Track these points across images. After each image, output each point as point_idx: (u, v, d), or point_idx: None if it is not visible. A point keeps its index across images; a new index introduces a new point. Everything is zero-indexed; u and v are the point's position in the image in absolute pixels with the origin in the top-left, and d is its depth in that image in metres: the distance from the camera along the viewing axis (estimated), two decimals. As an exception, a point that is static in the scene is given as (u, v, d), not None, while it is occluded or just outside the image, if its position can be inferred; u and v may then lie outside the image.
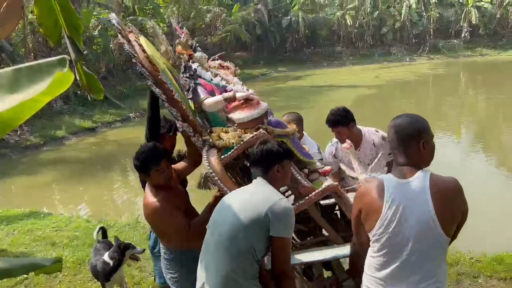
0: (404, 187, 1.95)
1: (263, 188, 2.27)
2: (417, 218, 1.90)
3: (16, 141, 13.85)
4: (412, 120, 2.15)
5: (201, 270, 2.31)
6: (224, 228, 2.21)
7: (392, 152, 2.12)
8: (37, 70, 1.21)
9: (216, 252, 2.22)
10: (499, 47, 36.04)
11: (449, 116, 16.80)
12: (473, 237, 5.62)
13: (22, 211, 7.40)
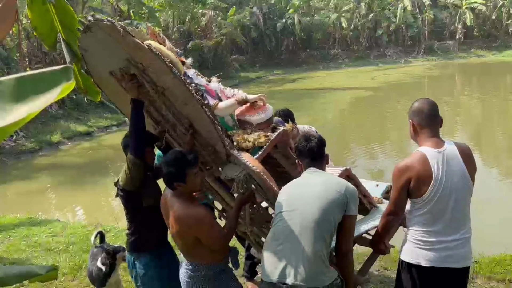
0: (442, 155, 2.52)
1: (327, 175, 2.61)
2: (459, 176, 2.53)
3: (12, 146, 13.78)
4: (432, 102, 2.73)
5: (280, 256, 2.39)
6: (308, 212, 2.39)
7: (419, 128, 2.65)
8: (42, 80, 1.20)
9: (302, 235, 2.37)
10: (493, 48, 36.25)
11: (445, 117, 16.77)
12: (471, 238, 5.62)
13: (18, 217, 7.34)
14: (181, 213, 2.53)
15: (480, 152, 11.43)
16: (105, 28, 2.45)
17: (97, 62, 2.68)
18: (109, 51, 2.55)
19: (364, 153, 11.87)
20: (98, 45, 2.56)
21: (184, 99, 2.62)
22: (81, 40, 2.56)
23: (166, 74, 2.56)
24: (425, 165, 2.48)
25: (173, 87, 2.60)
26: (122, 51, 2.54)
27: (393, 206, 2.59)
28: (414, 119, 2.66)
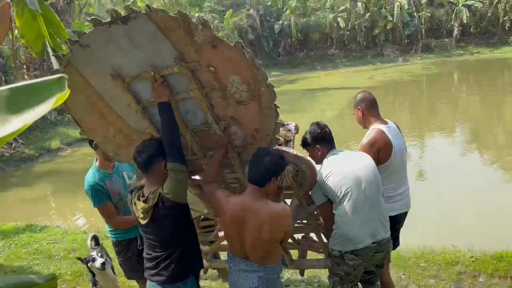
0: (390, 129, 3.39)
1: (348, 152, 3.10)
2: (401, 142, 3.44)
3: (11, 154, 13.77)
4: (370, 93, 3.68)
5: (368, 223, 2.86)
6: (372, 183, 2.89)
7: (367, 112, 3.52)
8: (37, 91, 1.18)
9: (375, 201, 2.89)
10: (490, 45, 36.26)
11: (444, 114, 16.86)
12: (473, 236, 5.61)
13: (18, 225, 7.33)
14: (278, 209, 2.49)
15: (480, 148, 11.42)
16: (164, 19, 2.19)
17: (102, 59, 2.38)
18: (134, 48, 2.33)
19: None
20: (119, 41, 2.31)
21: (247, 98, 2.53)
22: (91, 33, 2.30)
23: (236, 72, 2.41)
24: (386, 138, 3.28)
25: (239, 85, 2.48)
26: (166, 48, 2.32)
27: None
28: (361, 106, 3.51)
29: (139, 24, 2.22)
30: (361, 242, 2.83)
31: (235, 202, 2.53)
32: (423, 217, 6.86)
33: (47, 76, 1.35)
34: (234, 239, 2.61)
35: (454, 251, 4.94)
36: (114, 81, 2.46)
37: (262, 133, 2.67)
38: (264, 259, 2.56)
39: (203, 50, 2.31)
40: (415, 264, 4.69)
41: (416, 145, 12.54)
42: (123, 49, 2.34)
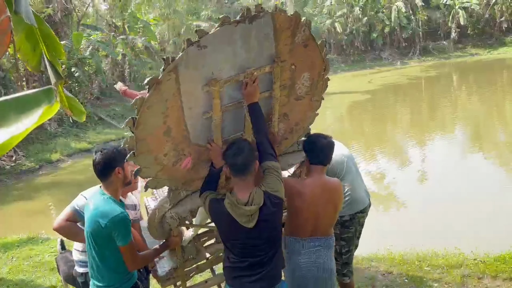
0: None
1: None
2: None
3: (12, 166, 13.77)
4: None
5: (362, 191, 3.73)
6: (353, 162, 3.79)
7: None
8: (25, 103, 1.19)
9: (360, 176, 3.83)
10: (488, 46, 36.34)
11: (444, 116, 16.86)
12: (476, 238, 5.59)
13: (20, 238, 7.31)
14: (335, 182, 2.96)
15: (482, 149, 11.41)
16: (281, 18, 2.26)
17: (209, 63, 2.32)
18: (242, 50, 2.33)
19: (365, 156, 11.84)
20: (236, 41, 2.30)
21: (304, 93, 2.69)
22: (216, 32, 2.22)
23: (309, 69, 2.60)
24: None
25: (305, 82, 2.65)
26: (269, 49, 2.37)
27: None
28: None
29: (261, 24, 2.27)
30: (365, 202, 3.66)
31: (312, 183, 2.81)
32: (426, 220, 6.84)
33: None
34: (308, 219, 2.81)
35: (458, 254, 4.92)
36: (210, 86, 2.36)
37: (301, 125, 2.89)
38: (329, 230, 2.93)
39: (295, 49, 2.41)
40: (419, 268, 4.67)
41: (417, 147, 12.53)
42: (234, 51, 2.33)
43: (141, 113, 2.20)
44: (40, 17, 1.98)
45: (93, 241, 2.55)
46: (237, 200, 2.38)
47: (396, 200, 8.57)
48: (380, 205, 8.35)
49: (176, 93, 2.30)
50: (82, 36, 20.34)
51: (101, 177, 2.60)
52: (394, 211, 8.11)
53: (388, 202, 8.56)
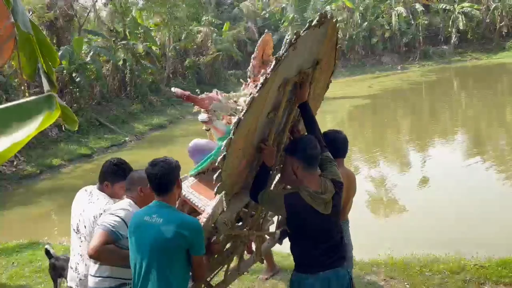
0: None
1: None
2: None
3: (13, 171, 13.77)
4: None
5: None
6: None
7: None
8: (26, 110, 1.20)
9: None
10: (488, 50, 36.40)
11: (445, 120, 16.87)
12: (477, 243, 5.58)
13: (21, 243, 7.30)
14: (353, 174, 3.55)
15: (482, 154, 11.39)
16: (332, 24, 2.50)
17: (290, 64, 2.42)
18: (304, 52, 2.47)
19: (366, 161, 11.85)
20: (306, 44, 2.44)
21: (318, 94, 2.98)
22: (308, 33, 2.33)
23: (327, 71, 2.89)
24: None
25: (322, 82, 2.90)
26: (316, 52, 2.58)
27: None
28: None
29: (322, 30, 2.45)
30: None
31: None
32: (426, 226, 6.83)
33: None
34: None
35: (459, 259, 4.91)
36: (285, 86, 2.49)
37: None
38: (347, 215, 3.54)
39: (328, 52, 2.64)
40: (420, 273, 4.66)
41: (418, 152, 12.53)
42: (301, 53, 2.45)
43: (247, 112, 2.22)
44: (36, 25, 1.99)
45: (162, 255, 2.43)
46: (314, 191, 2.52)
47: (396, 205, 8.57)
48: (381, 210, 8.35)
49: (265, 99, 2.36)
50: (83, 41, 20.41)
51: (163, 190, 2.50)
52: (394, 216, 8.11)
53: (389, 207, 8.55)
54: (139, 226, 2.47)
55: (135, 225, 2.49)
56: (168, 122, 21.92)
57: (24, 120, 1.17)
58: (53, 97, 1.19)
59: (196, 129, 19.18)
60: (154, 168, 2.47)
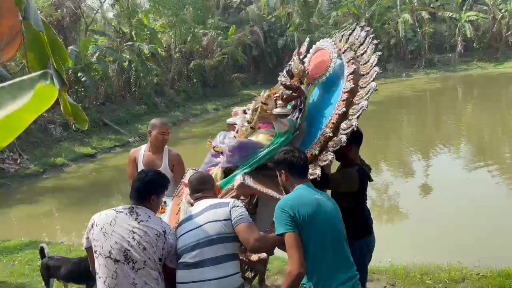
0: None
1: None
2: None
3: (16, 170, 13.81)
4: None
5: None
6: None
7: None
8: (19, 86, 1.20)
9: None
10: (494, 60, 36.30)
11: (448, 129, 16.82)
12: (479, 252, 5.54)
13: (22, 241, 7.31)
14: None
15: (486, 163, 11.35)
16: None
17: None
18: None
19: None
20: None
21: None
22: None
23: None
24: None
25: None
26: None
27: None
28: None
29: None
30: None
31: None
32: (429, 234, 6.80)
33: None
34: None
35: (460, 268, 4.89)
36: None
37: None
38: None
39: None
40: (421, 282, 4.63)
41: (421, 160, 12.49)
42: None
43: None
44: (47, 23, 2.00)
45: (341, 228, 2.59)
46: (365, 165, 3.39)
47: (399, 212, 8.54)
48: (383, 217, 8.32)
49: None
50: (90, 41, 20.50)
51: (306, 173, 2.72)
52: (397, 223, 8.08)
53: (391, 214, 8.52)
54: (319, 204, 2.50)
55: (316, 204, 2.49)
56: (172, 123, 21.96)
57: (17, 94, 1.17)
58: (48, 72, 1.19)
59: (200, 131, 19.21)
60: (300, 153, 2.66)
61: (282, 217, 2.42)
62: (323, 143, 2.94)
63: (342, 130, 2.87)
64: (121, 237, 2.52)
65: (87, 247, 2.74)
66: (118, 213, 2.63)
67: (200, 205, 2.75)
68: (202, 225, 2.60)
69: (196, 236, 2.59)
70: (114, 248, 2.51)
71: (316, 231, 2.42)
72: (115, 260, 2.49)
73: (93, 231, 2.64)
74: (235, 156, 3.17)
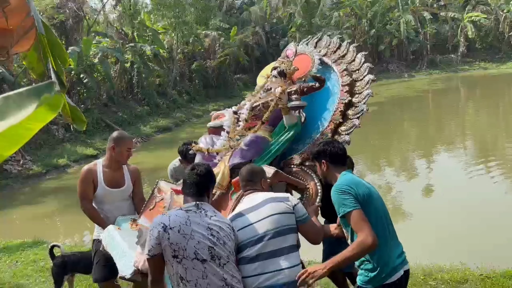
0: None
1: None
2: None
3: (19, 171, 13.86)
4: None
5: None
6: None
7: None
8: (25, 96, 1.21)
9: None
10: (496, 60, 36.23)
11: (451, 129, 16.79)
12: (482, 253, 5.53)
13: (25, 242, 7.33)
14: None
15: (488, 163, 11.31)
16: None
17: None
18: None
19: (371, 169, 11.81)
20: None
21: None
22: None
23: None
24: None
25: None
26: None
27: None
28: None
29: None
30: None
31: None
32: (431, 234, 6.79)
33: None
34: None
35: (463, 269, 4.87)
36: None
37: None
38: None
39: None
40: (424, 282, 4.62)
41: (424, 160, 12.47)
42: None
43: None
44: (47, 25, 2.01)
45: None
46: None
47: (401, 213, 8.52)
48: (386, 218, 8.29)
49: None
50: (91, 42, 20.54)
51: (345, 163, 2.90)
52: (399, 224, 8.05)
53: (394, 215, 8.47)
54: (368, 185, 2.74)
55: (367, 185, 2.72)
56: (174, 124, 21.99)
57: (22, 104, 1.18)
58: (53, 83, 1.20)
59: (202, 131, 19.23)
60: (339, 144, 2.90)
61: (345, 198, 2.56)
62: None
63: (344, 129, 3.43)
64: (202, 236, 2.47)
65: (156, 253, 2.47)
66: (187, 212, 2.54)
67: (255, 199, 2.80)
68: (267, 217, 2.67)
69: (262, 228, 2.65)
70: (198, 248, 2.45)
71: (374, 208, 2.61)
72: (202, 260, 2.44)
73: (167, 235, 2.44)
74: (251, 151, 3.32)
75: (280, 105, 3.37)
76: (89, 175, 3.69)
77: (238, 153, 3.33)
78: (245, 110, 3.54)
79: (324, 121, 3.47)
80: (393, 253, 2.63)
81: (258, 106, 3.51)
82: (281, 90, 3.40)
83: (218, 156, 3.47)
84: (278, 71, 3.59)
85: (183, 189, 2.69)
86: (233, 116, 3.63)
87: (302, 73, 3.62)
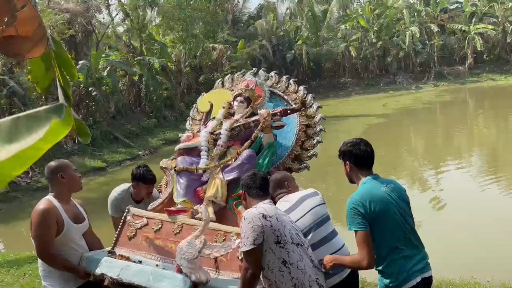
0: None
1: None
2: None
3: (27, 183, 13.94)
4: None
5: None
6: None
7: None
8: (35, 119, 1.23)
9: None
10: (504, 72, 36.07)
11: (459, 141, 16.68)
12: (492, 267, 5.46)
13: (33, 254, 7.33)
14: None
15: (498, 176, 11.21)
16: None
17: None
18: None
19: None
20: None
21: None
22: None
23: None
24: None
25: None
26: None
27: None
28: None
29: None
30: None
31: None
32: (441, 248, 6.71)
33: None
34: None
35: (474, 283, 4.81)
36: None
37: None
38: None
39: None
40: (433, 297, 4.56)
41: (433, 173, 12.38)
42: None
43: None
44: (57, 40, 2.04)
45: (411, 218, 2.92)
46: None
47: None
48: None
49: None
50: (101, 56, 20.79)
51: (372, 165, 2.89)
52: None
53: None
54: (388, 196, 2.75)
55: (386, 197, 2.73)
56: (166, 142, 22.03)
57: (32, 127, 1.20)
58: (63, 105, 1.22)
59: (209, 144, 19.26)
60: (366, 147, 2.81)
61: (354, 217, 2.63)
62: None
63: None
64: (290, 223, 2.77)
65: (260, 242, 2.62)
66: (270, 204, 2.81)
67: (292, 198, 3.10)
68: (310, 210, 3.00)
69: (309, 220, 2.97)
70: (292, 233, 2.70)
71: (389, 221, 2.66)
72: (297, 244, 2.69)
73: (269, 223, 2.64)
74: (246, 166, 3.57)
75: (265, 125, 3.67)
76: (51, 215, 3.19)
77: (235, 168, 3.60)
78: (224, 130, 3.81)
79: (290, 139, 4.00)
80: (409, 261, 2.67)
81: (237, 127, 3.81)
82: (267, 112, 3.70)
83: (206, 174, 3.67)
84: (244, 97, 3.97)
85: (248, 192, 2.90)
86: (211, 136, 3.84)
87: (260, 100, 4.08)
